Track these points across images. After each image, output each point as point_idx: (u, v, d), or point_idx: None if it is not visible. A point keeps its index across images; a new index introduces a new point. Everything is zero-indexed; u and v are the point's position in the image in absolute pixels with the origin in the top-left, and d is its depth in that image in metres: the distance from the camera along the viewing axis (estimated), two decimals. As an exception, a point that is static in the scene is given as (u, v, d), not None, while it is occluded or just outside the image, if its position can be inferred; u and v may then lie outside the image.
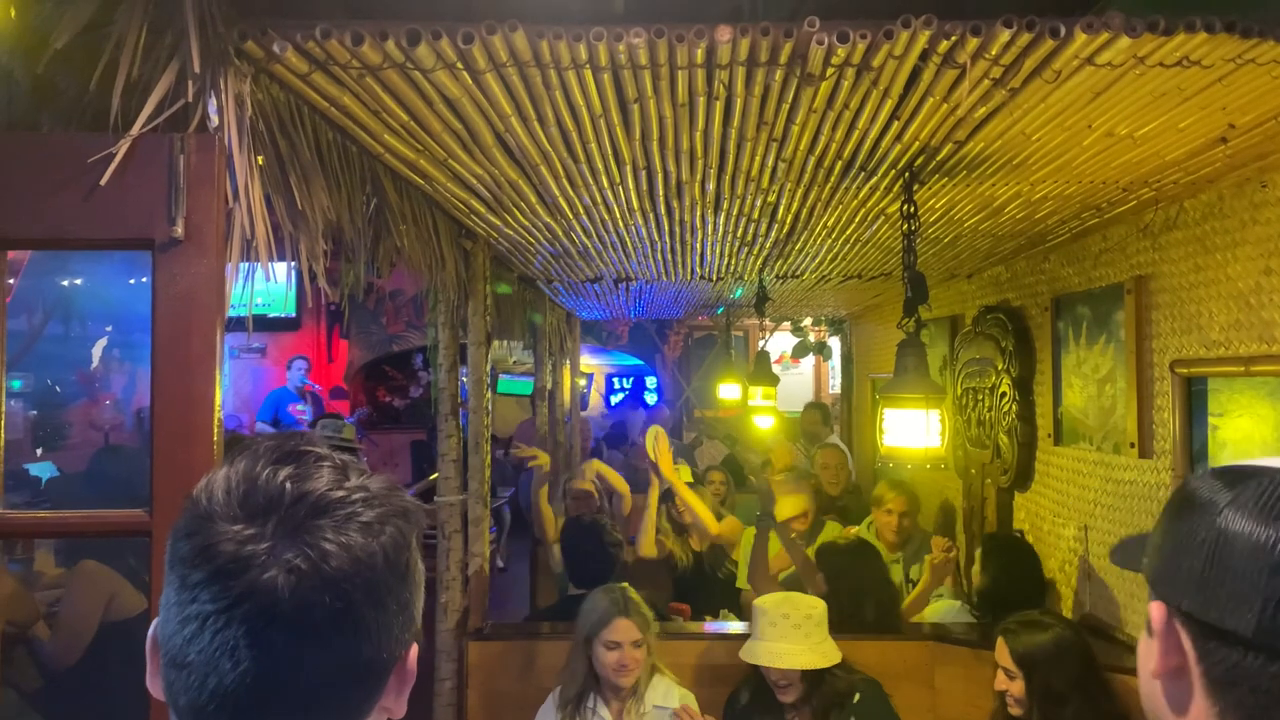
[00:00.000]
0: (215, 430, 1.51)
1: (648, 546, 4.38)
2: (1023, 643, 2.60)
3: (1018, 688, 2.58)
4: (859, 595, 3.36)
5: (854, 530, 4.52)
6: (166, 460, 1.50)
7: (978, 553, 3.72)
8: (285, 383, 8.92)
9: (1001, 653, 2.65)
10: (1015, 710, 2.61)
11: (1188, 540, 0.77)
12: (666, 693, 2.83)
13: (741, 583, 4.29)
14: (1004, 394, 4.07)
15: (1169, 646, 0.78)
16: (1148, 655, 0.82)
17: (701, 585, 4.59)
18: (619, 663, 2.71)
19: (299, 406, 8.55)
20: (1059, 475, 3.68)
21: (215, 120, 1.56)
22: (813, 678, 2.83)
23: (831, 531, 4.34)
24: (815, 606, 2.92)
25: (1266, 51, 1.61)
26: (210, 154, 1.54)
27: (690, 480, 4.90)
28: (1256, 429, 2.49)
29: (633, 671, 2.74)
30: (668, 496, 4.57)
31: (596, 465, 5.10)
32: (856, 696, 2.85)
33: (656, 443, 4.22)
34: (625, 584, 2.94)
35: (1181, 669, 0.77)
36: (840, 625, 3.06)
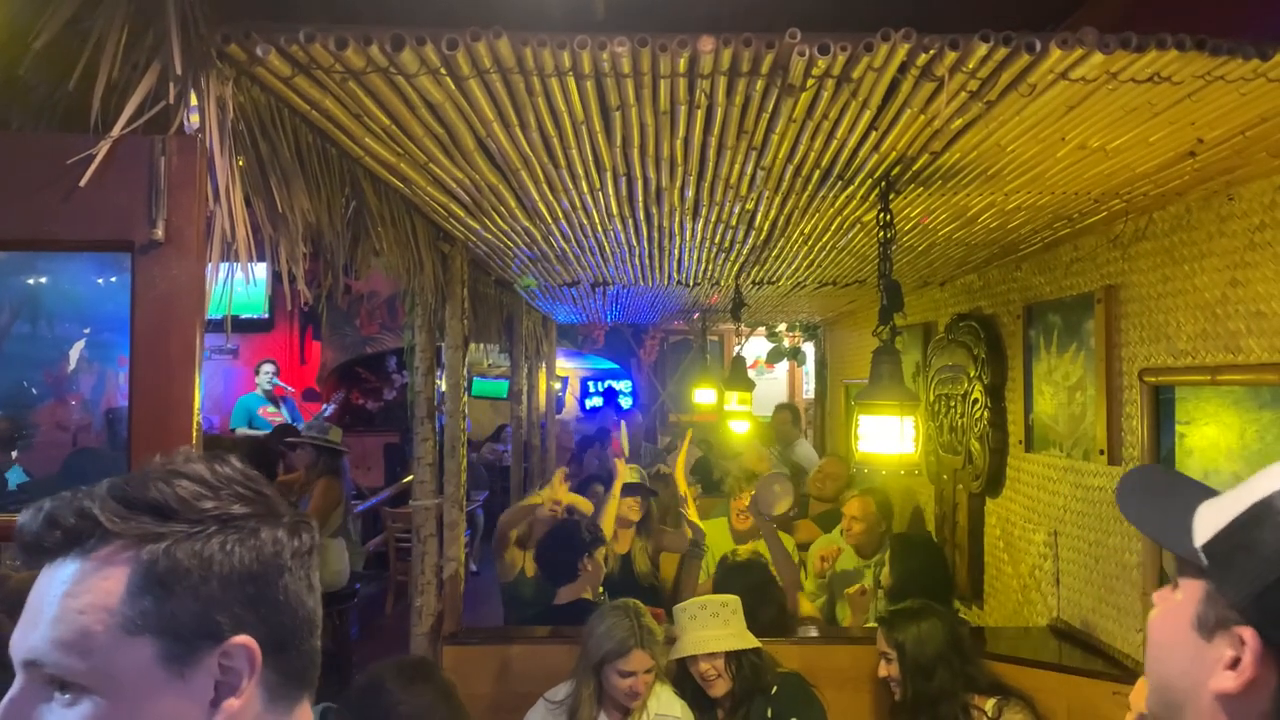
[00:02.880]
0: (194, 434, 1.50)
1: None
2: (896, 629, 2.91)
3: (895, 669, 2.88)
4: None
5: (826, 537, 4.56)
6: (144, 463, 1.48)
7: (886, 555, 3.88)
8: (254, 388, 8.81)
9: (880, 640, 2.96)
10: (896, 693, 2.88)
11: None
12: (669, 702, 2.85)
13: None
14: (976, 400, 4.12)
15: (1259, 675, 0.77)
16: (1209, 665, 0.81)
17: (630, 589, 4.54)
18: (632, 689, 2.72)
19: (270, 409, 8.46)
20: (1030, 481, 3.73)
21: (196, 122, 1.55)
22: (737, 671, 2.93)
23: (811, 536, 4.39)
24: (730, 599, 3.07)
25: (1235, 69, 1.65)
26: (191, 156, 1.53)
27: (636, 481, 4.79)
28: (1222, 436, 2.54)
29: (644, 695, 2.76)
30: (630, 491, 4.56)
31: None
32: (774, 688, 2.94)
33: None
34: (636, 601, 2.91)
35: (1257, 686, 0.77)
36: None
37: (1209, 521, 0.86)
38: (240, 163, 1.74)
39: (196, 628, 0.79)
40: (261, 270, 2.05)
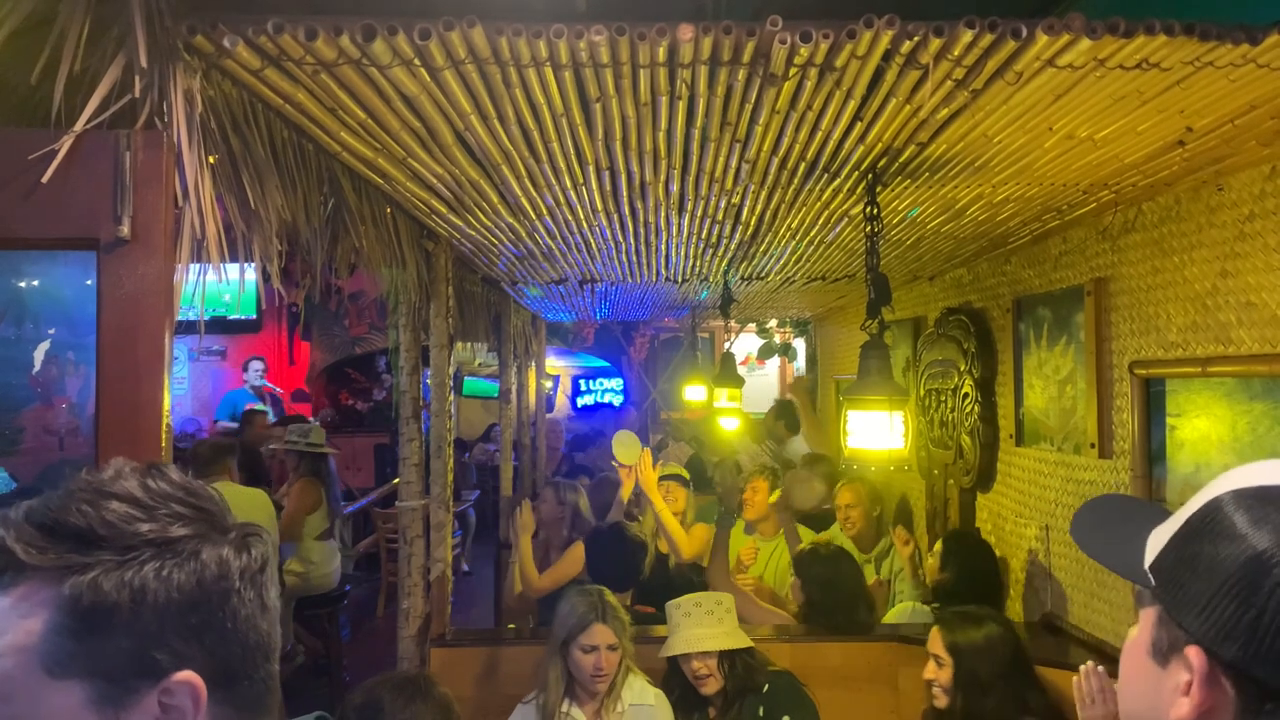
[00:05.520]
0: (164, 437, 1.46)
1: None
2: (956, 632, 2.68)
3: (945, 675, 2.66)
4: (840, 603, 3.41)
5: (824, 535, 4.53)
6: (112, 467, 1.45)
7: (936, 547, 3.77)
8: (243, 384, 8.78)
9: (934, 641, 2.73)
10: (940, 700, 2.68)
11: (1241, 591, 0.72)
12: (642, 691, 2.84)
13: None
14: (966, 395, 4.10)
15: (1213, 698, 0.74)
16: (1168, 694, 0.77)
17: (666, 587, 4.57)
18: (595, 666, 2.72)
19: (255, 405, 8.42)
20: (1020, 476, 3.71)
21: (165, 117, 1.51)
22: (729, 669, 2.90)
23: (807, 538, 4.36)
24: (725, 598, 3.04)
25: (1224, 54, 1.62)
26: (158, 151, 1.49)
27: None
28: (1213, 429, 2.52)
29: (607, 676, 2.76)
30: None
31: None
32: (765, 687, 2.92)
33: (640, 462, 4.20)
34: (603, 587, 2.94)
35: (1216, 712, 0.74)
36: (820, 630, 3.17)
37: (1157, 542, 0.84)
38: (211, 159, 1.69)
39: (130, 667, 0.73)
40: (250, 271, 2.01)
